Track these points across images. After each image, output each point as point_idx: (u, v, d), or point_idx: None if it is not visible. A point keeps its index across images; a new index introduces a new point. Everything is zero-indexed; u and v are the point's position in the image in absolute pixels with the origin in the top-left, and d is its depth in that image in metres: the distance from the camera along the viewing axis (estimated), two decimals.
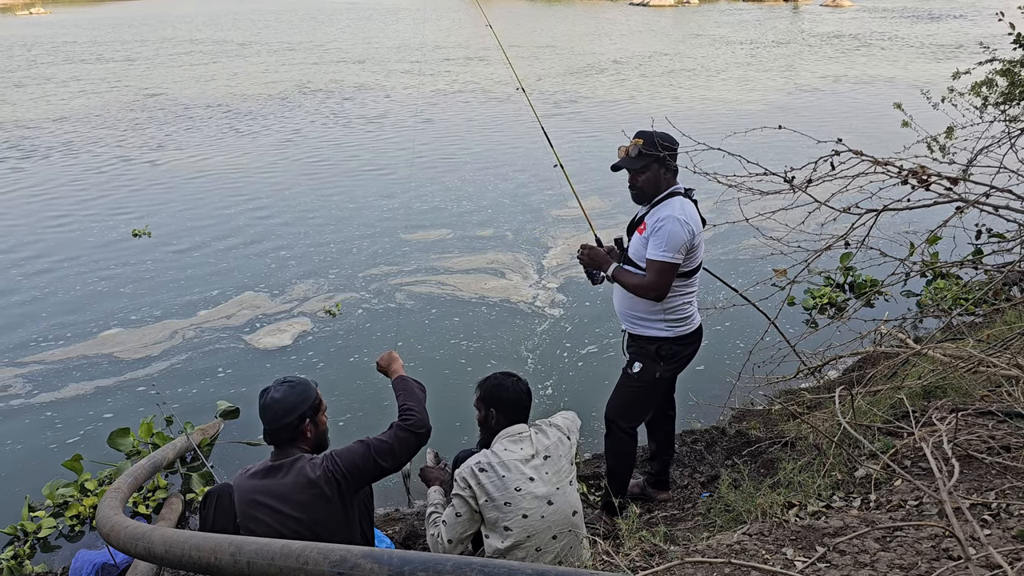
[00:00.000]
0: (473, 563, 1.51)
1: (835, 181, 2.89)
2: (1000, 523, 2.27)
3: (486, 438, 2.95)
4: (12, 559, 3.78)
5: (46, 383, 5.43)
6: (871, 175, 2.90)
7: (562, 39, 27.47)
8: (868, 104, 14.85)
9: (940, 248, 6.34)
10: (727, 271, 6.68)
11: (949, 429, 2.62)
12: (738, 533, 2.50)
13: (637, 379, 3.48)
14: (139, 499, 4.15)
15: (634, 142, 3.32)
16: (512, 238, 8.02)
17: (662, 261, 3.23)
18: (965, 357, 3.51)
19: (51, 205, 9.45)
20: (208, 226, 8.58)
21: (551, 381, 5.35)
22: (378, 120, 14.22)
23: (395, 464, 2.63)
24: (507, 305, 6.51)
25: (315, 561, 1.68)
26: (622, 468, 3.66)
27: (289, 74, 19.92)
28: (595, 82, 18.09)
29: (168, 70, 20.79)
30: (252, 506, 2.55)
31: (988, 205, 3.23)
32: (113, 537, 2.49)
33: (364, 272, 7.23)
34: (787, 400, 4.37)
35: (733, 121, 13.06)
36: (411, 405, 2.71)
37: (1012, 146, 4.82)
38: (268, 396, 2.61)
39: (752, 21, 33.45)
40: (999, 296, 5.17)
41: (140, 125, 13.98)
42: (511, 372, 3.00)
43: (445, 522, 2.80)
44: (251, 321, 6.31)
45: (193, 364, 5.67)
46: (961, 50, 21.74)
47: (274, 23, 34.83)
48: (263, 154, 11.79)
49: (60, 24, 35.38)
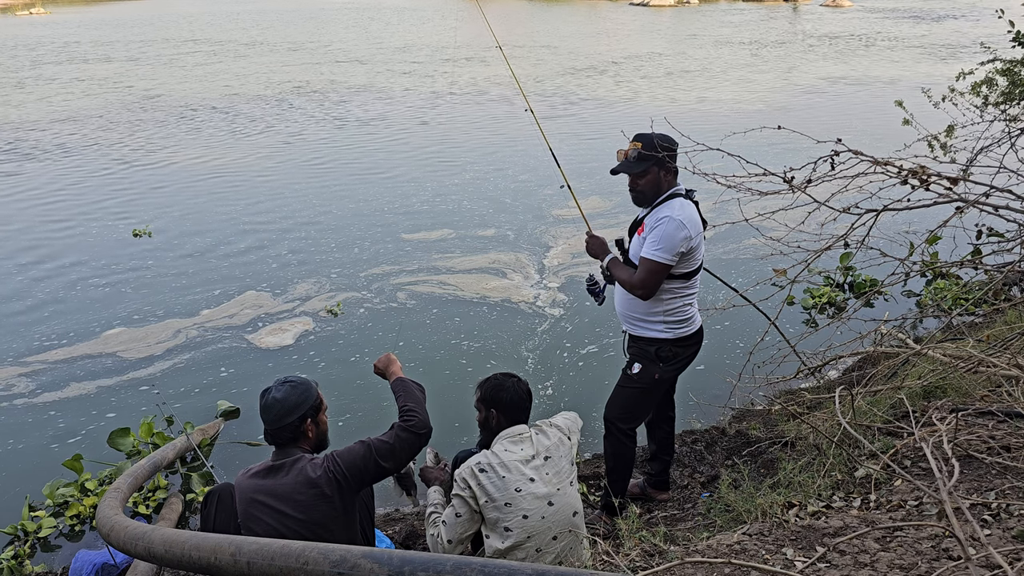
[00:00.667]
0: (473, 563, 1.52)
1: (835, 181, 2.89)
2: (1000, 523, 2.27)
3: (486, 439, 2.95)
4: (12, 559, 3.78)
5: (47, 383, 5.44)
6: (871, 175, 2.90)
7: (562, 39, 27.46)
8: (868, 104, 14.85)
9: (940, 248, 6.35)
10: (727, 271, 6.68)
11: (949, 429, 2.62)
12: (738, 533, 2.50)
13: (636, 380, 3.48)
14: (139, 499, 4.15)
15: (632, 145, 3.31)
16: (513, 238, 8.02)
17: (654, 260, 3.22)
18: (965, 357, 3.51)
19: (51, 205, 9.45)
20: (209, 226, 8.58)
21: (551, 381, 5.35)
22: (380, 120, 14.22)
23: (396, 464, 2.63)
24: (508, 305, 6.51)
25: (315, 561, 1.68)
26: (622, 468, 3.66)
27: (290, 75, 19.92)
28: (595, 82, 18.09)
29: (168, 70, 20.79)
30: (253, 506, 2.55)
31: (988, 205, 3.24)
32: (113, 537, 2.49)
33: (366, 272, 7.23)
34: (787, 400, 4.37)
35: (733, 121, 13.05)
36: (411, 406, 2.71)
37: (1012, 146, 4.83)
38: (269, 396, 2.60)
39: (752, 21, 33.45)
40: (999, 296, 5.17)
41: (141, 126, 13.98)
42: (511, 373, 3.00)
43: (445, 522, 2.80)
44: (253, 320, 6.31)
45: (195, 363, 5.67)
46: (961, 50, 21.74)
47: (277, 23, 34.83)
48: (264, 155, 11.78)
49: (60, 24, 35.39)
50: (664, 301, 3.34)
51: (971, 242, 5.78)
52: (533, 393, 3.00)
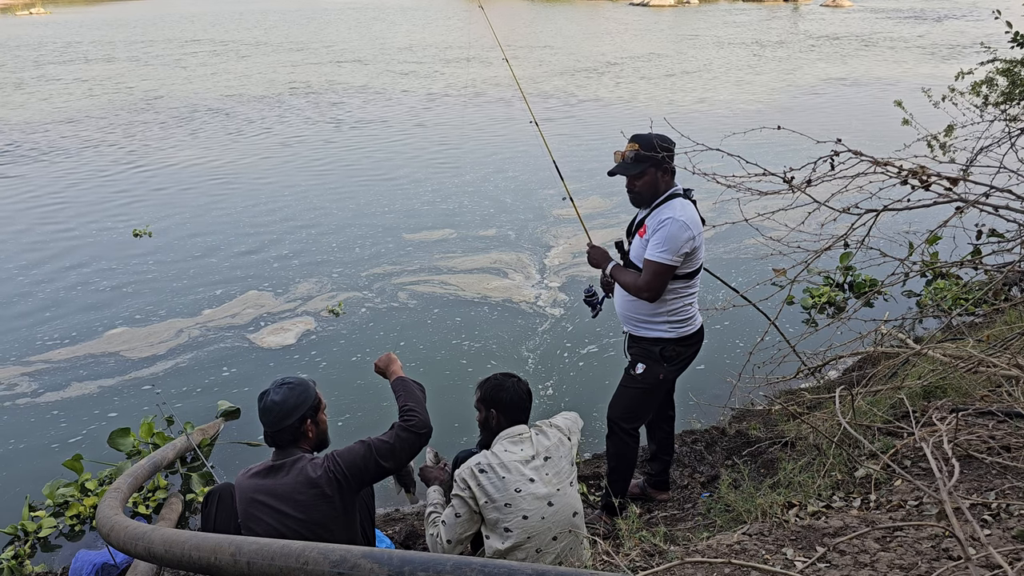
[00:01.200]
0: (473, 563, 1.52)
1: (835, 181, 2.89)
2: (1000, 523, 2.27)
3: (486, 439, 2.95)
4: (12, 559, 3.78)
5: (48, 383, 5.43)
6: (871, 175, 2.89)
7: (561, 39, 27.46)
8: (868, 104, 14.85)
9: (940, 248, 6.34)
10: (727, 271, 6.68)
11: (949, 429, 2.62)
12: (738, 533, 2.50)
13: (640, 380, 3.49)
14: (139, 499, 4.15)
15: (629, 147, 3.31)
16: (514, 237, 8.03)
17: (659, 262, 3.23)
18: (965, 357, 3.51)
19: (51, 206, 9.45)
20: (210, 226, 8.59)
21: (552, 381, 5.35)
22: (381, 121, 14.22)
23: (396, 464, 2.63)
24: (509, 305, 6.51)
25: (315, 561, 1.68)
26: (623, 469, 3.66)
27: (292, 75, 19.93)
28: (595, 82, 18.09)
29: (169, 71, 20.79)
30: (253, 506, 2.55)
31: (988, 205, 3.23)
32: (113, 537, 2.49)
33: (367, 271, 7.25)
34: (787, 400, 4.37)
35: (733, 121, 13.05)
36: (412, 406, 2.71)
37: (1012, 146, 4.83)
38: (268, 399, 2.59)
39: (752, 21, 33.45)
40: (999, 296, 5.17)
41: (141, 127, 13.98)
42: (511, 373, 2.99)
43: (444, 522, 2.80)
44: (255, 320, 6.33)
45: (198, 363, 5.68)
46: (961, 51, 21.74)
47: (280, 24, 34.83)
48: (264, 156, 11.78)
49: (60, 24, 35.39)
50: (667, 302, 3.35)
51: (971, 242, 5.77)
52: (533, 393, 3.00)
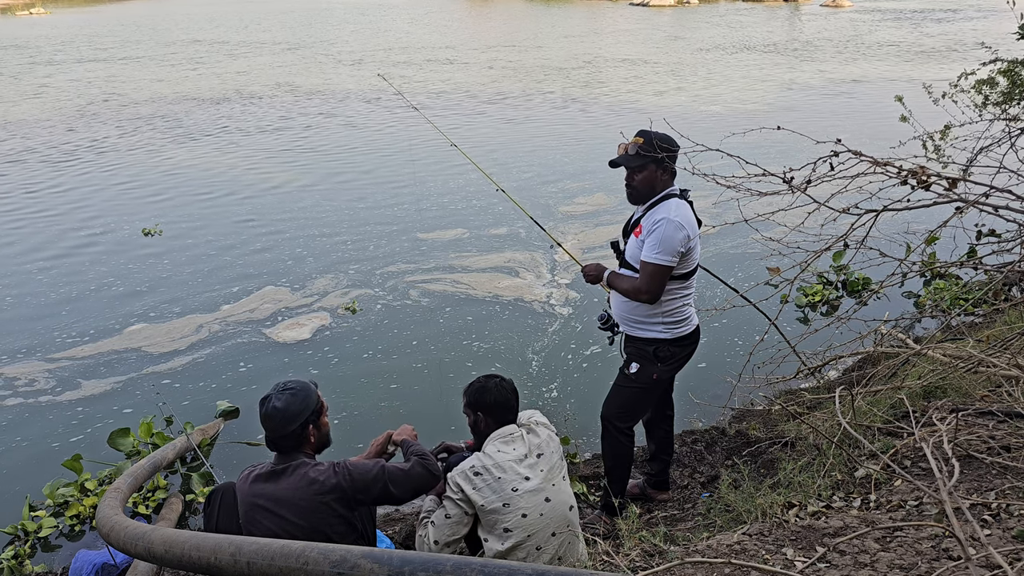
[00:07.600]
0: (473, 563, 1.52)
1: (834, 181, 2.89)
2: (1000, 523, 2.27)
3: (478, 443, 2.96)
4: (12, 559, 3.78)
5: (52, 382, 5.43)
6: (871, 175, 2.89)
7: (564, 39, 27.45)
8: (868, 104, 14.84)
9: (939, 248, 6.34)
10: (727, 271, 6.68)
11: (949, 429, 2.62)
12: (738, 533, 2.50)
13: (635, 380, 3.49)
14: (139, 499, 4.15)
15: (634, 140, 3.32)
16: (525, 235, 8.09)
17: (655, 264, 3.23)
18: (965, 357, 3.51)
19: (52, 206, 9.45)
20: (223, 224, 8.62)
21: (555, 383, 5.34)
22: (387, 122, 14.21)
23: (402, 493, 2.64)
24: (520, 304, 6.56)
25: (315, 561, 1.68)
26: (620, 468, 3.66)
27: (301, 75, 19.92)
28: (596, 82, 18.09)
29: (174, 70, 20.79)
30: (254, 510, 2.55)
31: (988, 205, 3.23)
32: (113, 537, 2.49)
33: (382, 269, 7.32)
34: (787, 400, 4.37)
35: (732, 121, 13.05)
36: (428, 453, 2.79)
37: (1012, 146, 4.82)
38: (269, 405, 2.58)
39: (752, 21, 33.46)
40: (999, 296, 5.17)
41: (144, 126, 13.97)
42: (494, 374, 3.02)
43: (433, 523, 2.81)
44: (273, 315, 6.41)
45: (215, 358, 5.74)
46: (960, 52, 21.71)
47: (283, 23, 34.82)
48: (272, 155, 11.79)
49: (60, 25, 35.38)
50: (663, 302, 3.35)
51: (971, 242, 5.77)
52: (539, 394, 3.01)
